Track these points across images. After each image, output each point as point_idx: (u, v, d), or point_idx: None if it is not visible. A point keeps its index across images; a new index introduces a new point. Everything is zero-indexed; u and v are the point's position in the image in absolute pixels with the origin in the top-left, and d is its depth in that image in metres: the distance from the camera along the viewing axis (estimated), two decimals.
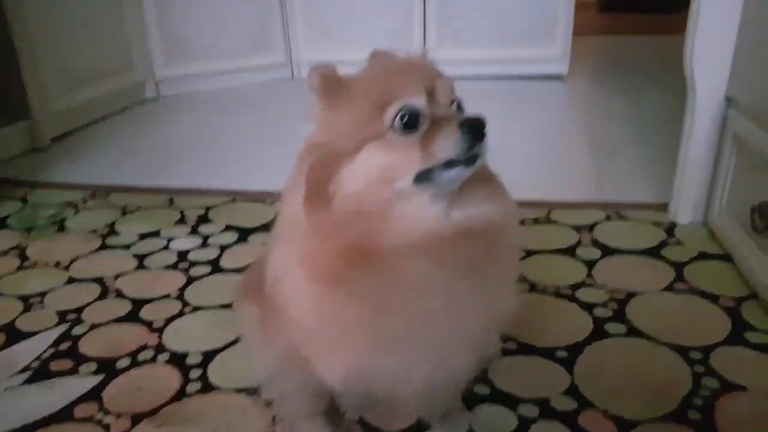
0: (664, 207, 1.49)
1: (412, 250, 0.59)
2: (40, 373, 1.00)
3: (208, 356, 1.02)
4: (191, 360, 1.02)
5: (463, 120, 0.58)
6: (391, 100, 0.59)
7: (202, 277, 1.28)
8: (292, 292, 0.67)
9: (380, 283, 0.60)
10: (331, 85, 0.62)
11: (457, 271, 0.61)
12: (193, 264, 1.33)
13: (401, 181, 0.59)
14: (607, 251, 1.31)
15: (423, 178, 0.59)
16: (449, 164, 0.58)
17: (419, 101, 0.59)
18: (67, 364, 1.02)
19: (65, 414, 0.91)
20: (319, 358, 0.69)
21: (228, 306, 1.15)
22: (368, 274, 0.59)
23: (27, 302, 1.21)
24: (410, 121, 0.58)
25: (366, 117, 0.59)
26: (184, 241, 1.44)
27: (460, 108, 0.64)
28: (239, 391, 0.94)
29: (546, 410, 0.87)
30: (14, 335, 1.11)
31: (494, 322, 0.69)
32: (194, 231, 1.49)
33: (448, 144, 0.58)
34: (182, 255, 1.38)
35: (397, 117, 0.58)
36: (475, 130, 0.58)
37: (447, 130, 0.58)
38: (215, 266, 1.32)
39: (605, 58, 3.82)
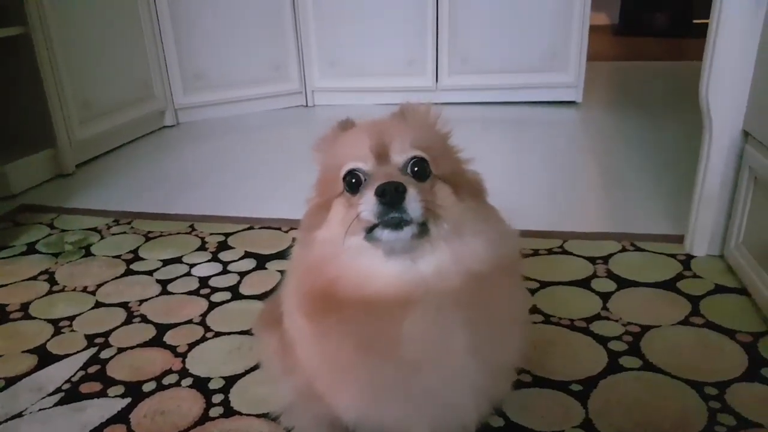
0: (680, 239, 1.50)
1: (369, 305, 0.63)
2: (70, 395, 1.04)
3: (230, 381, 1.05)
4: (214, 385, 1.05)
5: (377, 186, 0.60)
6: (343, 163, 0.66)
7: (222, 303, 1.32)
8: (293, 328, 0.72)
9: (350, 328, 0.64)
10: (322, 147, 0.73)
11: (438, 325, 0.63)
12: (214, 290, 1.37)
13: (354, 237, 0.63)
14: (622, 283, 1.32)
15: (370, 236, 0.62)
16: (383, 225, 0.61)
17: (362, 164, 0.65)
18: (96, 386, 1.06)
19: None
20: (328, 395, 0.72)
21: (247, 332, 1.19)
22: (336, 318, 0.64)
23: (57, 325, 1.25)
24: (352, 183, 0.65)
25: (333, 179, 0.67)
26: (205, 268, 1.48)
27: (418, 165, 0.65)
28: (260, 416, 0.96)
29: None
30: (45, 358, 1.15)
31: (497, 369, 0.70)
32: (215, 257, 1.53)
33: (365, 207, 0.61)
34: (204, 281, 1.41)
35: (345, 177, 0.65)
36: (386, 197, 0.59)
37: (367, 194, 0.61)
38: (235, 293, 1.36)
39: (620, 84, 3.84)
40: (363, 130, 0.70)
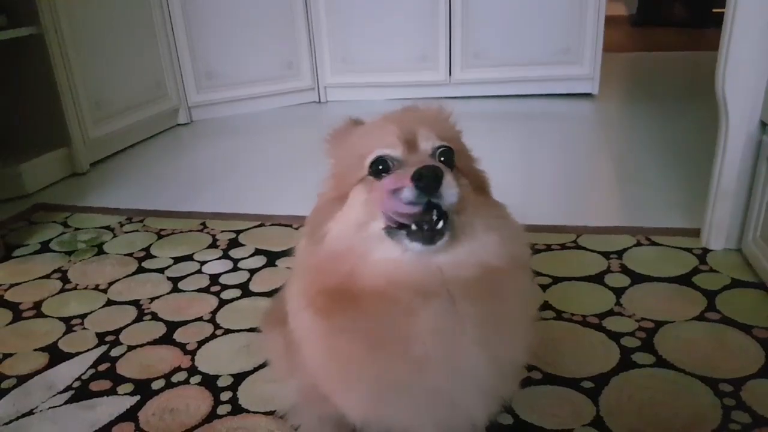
0: (696, 232, 1.47)
1: (388, 296, 0.61)
2: (80, 393, 1.05)
3: (238, 379, 1.05)
4: (222, 382, 1.05)
5: (414, 171, 0.58)
6: (370, 151, 0.65)
7: (232, 300, 1.32)
8: (300, 328, 0.71)
9: (364, 324, 0.63)
10: (336, 141, 0.72)
11: (452, 318, 0.62)
12: (224, 287, 1.37)
13: (374, 224, 0.62)
14: (636, 278, 1.30)
15: (391, 232, 0.61)
16: (411, 237, 0.60)
17: (392, 151, 0.64)
18: (105, 384, 1.07)
19: None
20: (334, 395, 0.71)
21: (257, 329, 1.18)
22: (351, 313, 0.63)
23: (68, 324, 1.27)
24: (381, 167, 0.64)
25: (353, 167, 0.66)
26: (216, 265, 1.48)
27: (445, 155, 0.65)
28: (267, 414, 0.96)
29: None
30: (57, 356, 1.16)
31: (506, 367, 0.69)
32: (225, 255, 1.53)
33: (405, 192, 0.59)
34: (214, 278, 1.42)
35: (372, 164, 0.64)
36: (423, 181, 0.57)
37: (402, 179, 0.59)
38: (245, 290, 1.36)
39: (637, 76, 3.78)
40: (389, 120, 0.70)
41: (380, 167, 0.64)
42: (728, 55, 1.27)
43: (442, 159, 0.64)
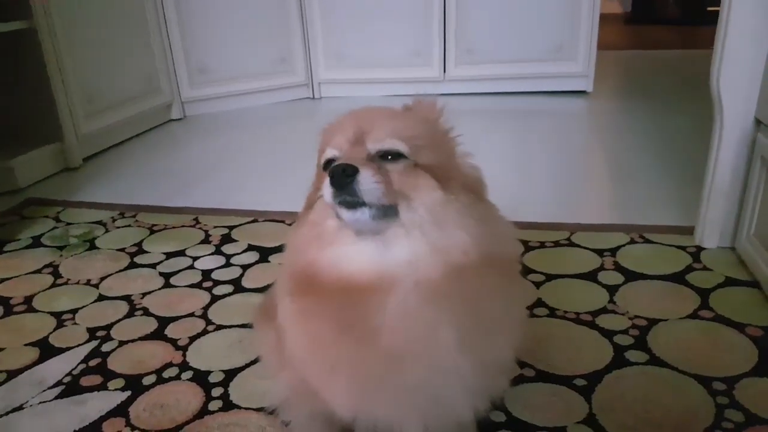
0: (690, 230, 1.47)
1: (344, 286, 0.63)
2: (71, 388, 1.04)
3: (230, 375, 1.05)
4: (213, 378, 1.04)
5: (329, 169, 0.61)
6: (325, 150, 0.69)
7: (224, 296, 1.31)
8: (281, 312, 0.73)
9: (328, 308, 0.64)
10: (322, 134, 0.74)
11: (420, 315, 0.62)
12: (216, 283, 1.37)
13: (330, 219, 0.65)
14: (630, 276, 1.30)
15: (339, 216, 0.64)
16: (339, 205, 0.62)
17: (337, 152, 0.67)
18: (96, 380, 1.06)
19: (94, 429, 0.94)
20: (319, 388, 0.71)
21: (248, 325, 1.18)
22: (315, 297, 0.65)
23: (59, 319, 1.26)
24: (326, 165, 0.66)
25: (320, 163, 0.70)
26: (208, 260, 1.47)
27: (392, 154, 0.64)
28: (258, 410, 0.95)
29: None
30: (47, 351, 1.15)
31: (491, 366, 0.68)
32: (218, 250, 1.53)
33: (324, 191, 0.62)
34: (206, 274, 1.41)
35: (324, 165, 0.67)
36: (335, 177, 0.60)
37: (326, 175, 0.62)
38: (237, 286, 1.35)
39: (632, 74, 3.78)
40: (348, 117, 0.71)
41: (326, 164, 0.67)
42: (723, 53, 1.26)
43: (389, 158, 0.64)
